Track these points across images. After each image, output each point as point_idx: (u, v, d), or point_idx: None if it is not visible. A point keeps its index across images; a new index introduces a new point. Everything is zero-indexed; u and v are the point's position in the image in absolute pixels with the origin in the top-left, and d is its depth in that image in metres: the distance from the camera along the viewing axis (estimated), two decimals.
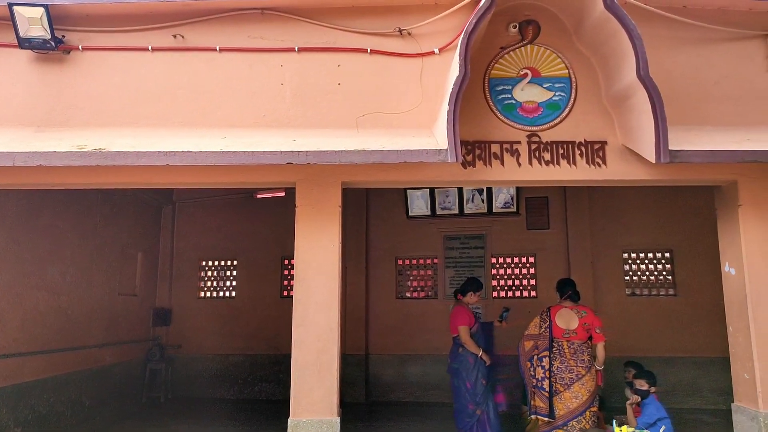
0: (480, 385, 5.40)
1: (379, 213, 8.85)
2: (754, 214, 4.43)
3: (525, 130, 4.49)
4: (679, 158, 4.00)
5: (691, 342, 7.94)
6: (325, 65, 4.45)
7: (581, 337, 5.29)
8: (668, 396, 7.78)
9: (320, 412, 3.97)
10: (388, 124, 4.39)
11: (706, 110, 4.63)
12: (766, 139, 4.34)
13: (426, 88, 4.48)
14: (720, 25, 4.66)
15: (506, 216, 8.67)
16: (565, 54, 4.61)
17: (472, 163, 4.42)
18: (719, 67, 4.70)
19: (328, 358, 4.07)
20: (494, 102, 4.53)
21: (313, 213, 4.26)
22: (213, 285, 8.98)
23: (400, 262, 8.82)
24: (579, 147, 4.50)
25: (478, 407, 5.39)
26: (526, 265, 8.73)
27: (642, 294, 8.47)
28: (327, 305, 4.13)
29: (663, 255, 8.52)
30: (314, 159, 3.82)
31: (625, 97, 4.29)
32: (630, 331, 8.19)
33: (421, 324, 8.44)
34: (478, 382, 5.39)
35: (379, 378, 8.42)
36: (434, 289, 8.68)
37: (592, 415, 5.23)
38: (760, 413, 4.16)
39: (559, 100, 4.56)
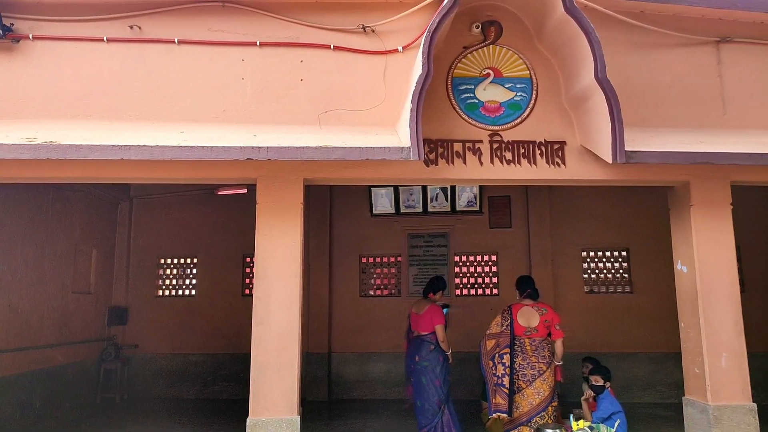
0: (447, 381, 5.54)
1: (343, 211, 8.81)
2: (705, 214, 4.58)
3: (487, 130, 4.53)
4: (634, 159, 4.11)
5: (647, 338, 8.17)
6: (288, 60, 4.39)
7: (542, 334, 5.38)
8: (625, 391, 8.02)
9: (280, 411, 3.93)
10: (351, 121, 4.37)
11: (662, 113, 4.77)
12: (717, 141, 4.49)
13: (389, 86, 4.47)
14: (675, 30, 4.80)
15: (469, 215, 8.74)
16: (526, 55, 4.67)
17: (435, 161, 4.44)
18: (674, 71, 4.85)
19: (288, 356, 4.02)
20: (457, 101, 4.56)
21: (274, 210, 4.21)
22: (172, 283, 8.77)
23: (364, 260, 8.81)
24: (539, 147, 4.57)
25: (443, 404, 5.49)
26: (489, 263, 8.82)
27: (600, 291, 8.68)
28: (288, 303, 4.08)
29: (620, 254, 8.74)
30: (275, 155, 3.77)
31: (583, 98, 4.38)
32: (588, 327, 8.38)
33: (384, 322, 8.44)
34: (446, 379, 5.53)
35: (342, 376, 8.39)
36: (398, 287, 8.70)
37: (553, 410, 5.33)
38: (709, 406, 4.32)
39: (520, 100, 4.62)
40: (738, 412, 4.30)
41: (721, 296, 4.48)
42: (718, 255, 4.54)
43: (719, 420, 4.26)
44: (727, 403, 4.32)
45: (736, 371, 4.39)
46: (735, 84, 4.83)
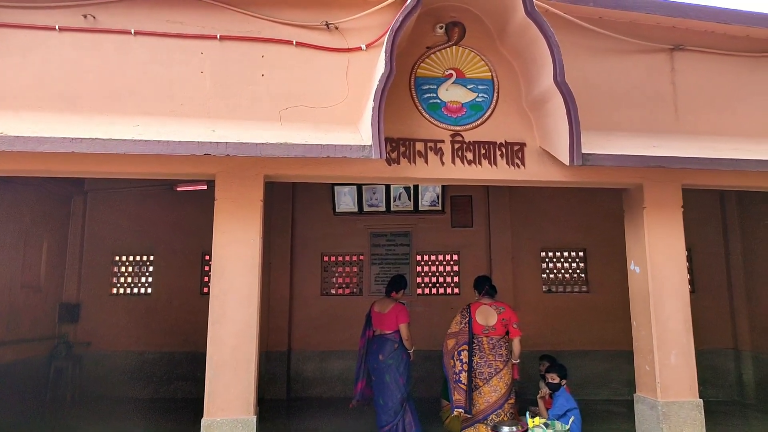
0: (410, 379, 5.61)
1: (306, 208, 8.75)
2: (657, 216, 4.72)
3: (449, 130, 4.56)
4: (590, 161, 4.20)
5: (602, 336, 8.37)
6: (249, 55, 4.32)
7: (500, 333, 5.45)
8: (580, 388, 8.20)
9: (236, 411, 3.86)
10: (313, 119, 4.33)
11: (618, 117, 4.89)
12: (669, 145, 4.64)
13: (352, 84, 4.45)
14: (631, 37, 4.94)
15: (432, 214, 8.80)
16: (488, 57, 4.72)
17: (397, 160, 4.44)
18: (630, 76, 4.98)
19: (245, 355, 3.96)
20: (420, 101, 4.57)
21: (233, 206, 4.14)
22: (127, 281, 8.53)
23: (326, 259, 8.76)
24: (500, 148, 4.62)
25: (405, 401, 5.54)
26: (450, 262, 8.90)
27: (558, 291, 8.86)
28: (246, 301, 4.02)
29: (578, 254, 8.94)
30: (234, 151, 3.70)
31: (543, 101, 4.45)
32: (546, 326, 8.55)
33: (345, 320, 8.40)
34: (410, 377, 5.60)
35: (301, 374, 8.33)
36: (359, 286, 8.69)
37: (510, 407, 5.41)
38: (659, 402, 4.45)
39: (482, 101, 4.67)
40: (685, 408, 4.45)
41: (672, 296, 4.62)
42: (669, 256, 4.68)
43: (668, 416, 4.40)
44: (675, 400, 4.46)
45: (685, 368, 4.54)
46: (687, 90, 5.00)
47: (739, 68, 5.14)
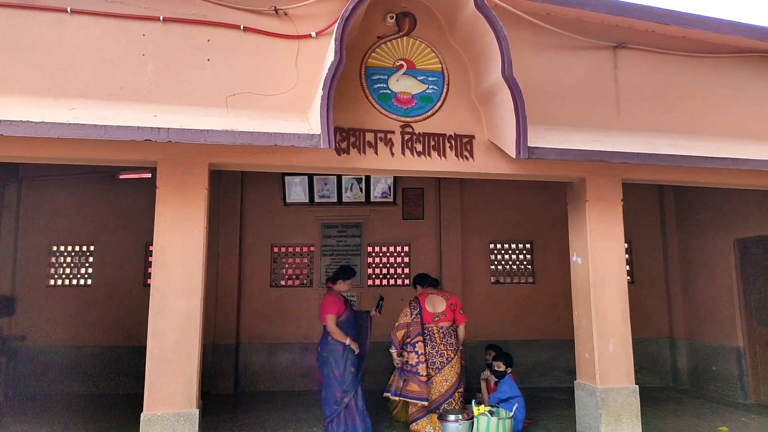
0: (349, 373, 5.36)
1: (256, 199, 8.60)
2: (599, 209, 4.87)
3: (399, 121, 4.56)
4: (536, 154, 4.28)
5: (547, 326, 8.62)
6: (194, 39, 4.19)
7: (449, 319, 5.55)
8: (525, 376, 8.44)
9: (178, 405, 3.76)
10: (261, 106, 4.25)
11: (563, 111, 5.01)
12: (611, 140, 4.79)
13: (302, 72, 4.39)
14: (577, 34, 5.05)
15: (383, 205, 8.81)
16: (439, 49, 4.74)
17: (347, 150, 4.41)
18: (576, 72, 5.10)
19: (188, 347, 3.86)
20: (370, 91, 4.55)
21: (176, 195, 4.01)
22: (66, 272, 8.17)
23: (276, 250, 8.64)
24: (449, 140, 4.65)
25: (346, 395, 5.35)
26: (401, 253, 8.94)
27: (505, 282, 9.05)
28: (189, 293, 3.91)
29: (525, 246, 9.15)
30: (176, 137, 3.58)
31: (491, 94, 4.51)
32: (494, 316, 8.73)
33: (294, 312, 8.36)
34: (347, 370, 5.35)
35: (249, 367, 8.21)
36: (309, 277, 8.62)
37: (460, 395, 5.50)
38: (598, 389, 4.61)
39: (432, 93, 4.68)
40: (622, 394, 4.63)
41: (611, 286, 4.79)
42: (609, 248, 4.84)
43: (606, 401, 4.57)
44: (613, 386, 4.63)
45: (622, 356, 4.72)
46: (629, 87, 5.17)
47: (677, 67, 5.35)
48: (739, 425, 6.38)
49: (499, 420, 4.98)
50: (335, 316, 5.37)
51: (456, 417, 5.14)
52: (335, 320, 5.36)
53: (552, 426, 6.22)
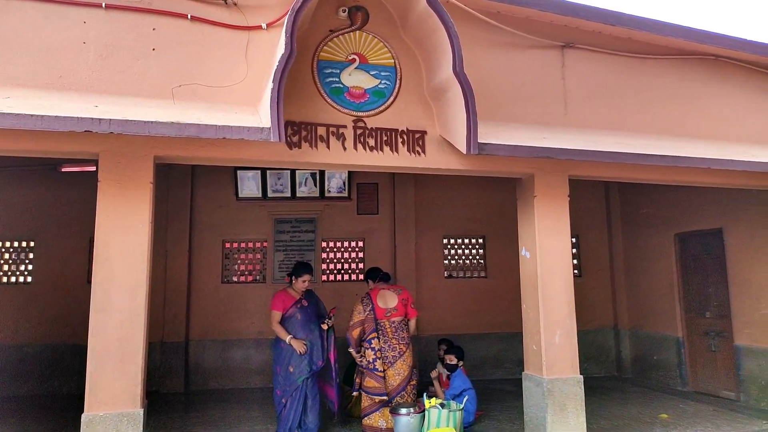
0: (288, 373, 5.21)
1: (207, 193, 8.42)
2: (546, 204, 4.99)
3: (351, 115, 4.54)
4: (486, 150, 4.34)
5: (498, 319, 8.79)
6: (138, 27, 4.05)
7: (401, 313, 5.58)
8: (477, 369, 8.59)
9: (121, 405, 3.65)
10: (209, 98, 4.14)
11: (513, 109, 5.10)
12: (558, 138, 4.90)
13: (252, 64, 4.31)
14: (527, 33, 5.15)
15: (338, 201, 8.78)
16: (391, 44, 4.73)
17: (298, 144, 4.36)
18: (525, 70, 5.20)
19: (132, 345, 3.74)
20: (322, 84, 4.50)
21: (119, 189, 3.87)
22: (4, 269, 7.79)
23: (228, 245, 8.49)
24: (401, 135, 4.66)
25: (284, 396, 5.21)
26: (356, 249, 8.94)
27: (458, 276, 9.18)
28: (133, 289, 3.79)
29: (477, 241, 9.30)
30: (119, 128, 3.45)
31: (443, 90, 4.54)
32: (447, 310, 8.85)
33: (248, 308, 8.25)
34: (286, 369, 5.23)
35: (200, 365, 8.05)
36: (262, 273, 8.51)
37: (412, 389, 5.54)
38: (544, 379, 4.73)
39: (384, 88, 4.68)
40: (567, 384, 4.76)
41: (558, 279, 4.91)
42: (556, 242, 4.96)
43: (552, 392, 4.69)
44: (559, 376, 4.76)
45: (568, 347, 4.85)
46: (576, 86, 5.30)
47: (622, 67, 5.52)
48: (678, 412, 6.68)
49: (449, 412, 5.06)
50: (279, 312, 5.32)
51: (408, 410, 5.19)
52: (279, 317, 5.30)
53: (502, 417, 6.36)
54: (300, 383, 5.20)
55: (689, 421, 6.25)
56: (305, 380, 5.23)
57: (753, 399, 6.87)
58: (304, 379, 5.23)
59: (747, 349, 6.95)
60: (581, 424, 4.75)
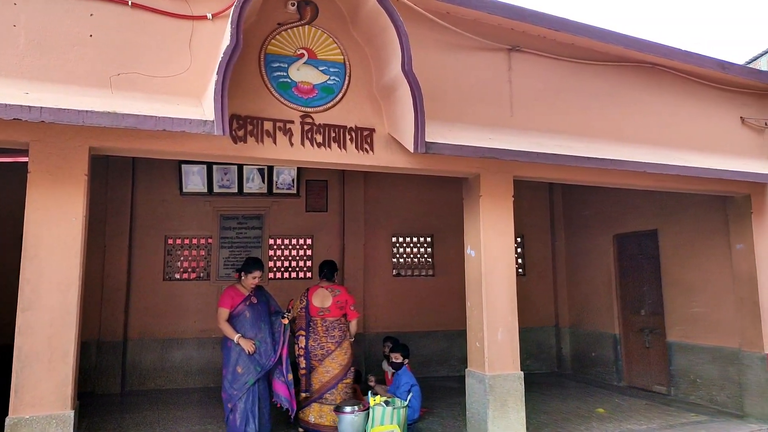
0: (236, 374, 5.00)
1: (149, 187, 8.13)
2: (491, 204, 5.08)
3: (299, 111, 4.48)
4: (433, 149, 4.38)
5: (445, 317, 8.90)
6: (74, 12, 3.85)
7: (334, 315, 5.59)
8: (424, 366, 8.68)
9: (50, 407, 3.48)
10: (150, 88, 4.00)
11: (461, 109, 5.15)
12: (503, 139, 5.00)
13: (196, 55, 4.18)
14: (475, 35, 5.21)
15: (286, 197, 8.68)
16: (341, 40, 4.70)
17: (244, 138, 4.27)
18: (473, 72, 5.26)
19: (63, 345, 3.57)
20: (269, 78, 4.43)
21: (51, 180, 3.69)
22: None
23: (170, 241, 8.24)
24: (350, 132, 4.64)
25: (230, 399, 4.98)
26: (304, 246, 8.86)
27: (406, 275, 9.23)
28: (64, 286, 3.61)
29: (425, 240, 9.38)
30: (51, 117, 3.29)
31: (391, 88, 4.55)
32: (394, 309, 8.90)
33: (190, 306, 8.03)
34: (234, 371, 5.01)
35: (139, 365, 7.77)
36: (206, 270, 8.30)
37: (345, 386, 5.53)
38: (486, 376, 4.82)
39: (333, 84, 4.64)
40: (509, 380, 4.86)
41: (501, 278, 5.01)
42: (500, 242, 5.06)
43: (493, 388, 4.78)
44: (500, 373, 4.86)
45: (509, 344, 4.95)
46: (522, 89, 5.41)
47: (566, 72, 5.67)
48: (613, 406, 6.95)
49: (394, 409, 5.07)
50: (227, 310, 5.11)
51: (352, 408, 5.18)
52: (227, 314, 5.10)
53: (446, 414, 6.44)
54: (251, 385, 5.00)
55: (624, 414, 6.50)
56: (256, 382, 5.04)
57: (682, 393, 7.22)
58: (255, 381, 5.03)
59: (678, 345, 7.30)
60: (521, 419, 4.86)
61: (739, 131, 6.45)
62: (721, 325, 6.72)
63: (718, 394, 6.74)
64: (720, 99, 6.39)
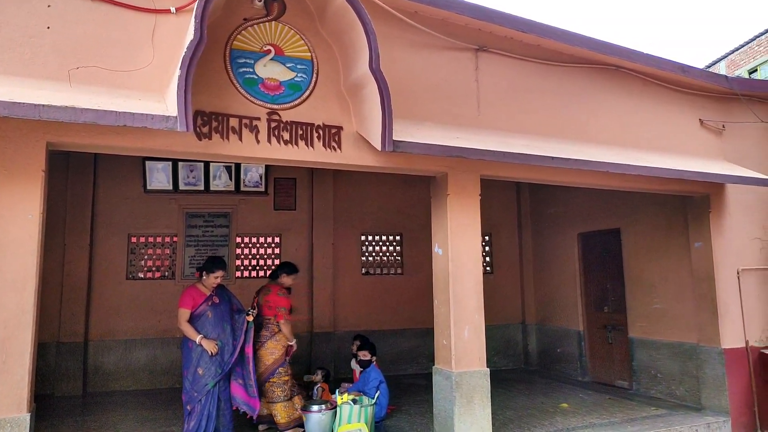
0: (196, 376, 4.92)
1: (111, 184, 7.95)
2: (459, 203, 5.12)
3: (265, 108, 4.43)
4: (400, 148, 4.38)
5: (414, 316, 8.94)
6: (30, 3, 3.72)
7: (265, 314, 5.66)
8: (393, 364, 8.71)
9: (4, 410, 3.35)
10: (111, 83, 3.89)
11: (429, 108, 5.17)
12: (471, 138, 5.03)
13: (159, 49, 4.09)
14: (444, 34, 5.24)
15: (254, 195, 8.59)
16: (308, 37, 4.66)
17: (209, 135, 4.20)
18: (441, 71, 5.29)
19: (18, 346, 3.45)
20: (235, 74, 4.36)
21: (5, 176, 3.55)
22: None
23: (134, 240, 8.07)
24: (317, 130, 4.61)
25: (190, 402, 4.90)
26: (272, 245, 8.78)
27: (375, 273, 9.24)
28: (19, 285, 3.49)
29: (395, 238, 9.40)
30: (5, 111, 3.16)
31: (359, 86, 4.53)
32: (364, 307, 8.90)
33: (154, 306, 7.89)
34: (195, 372, 4.94)
35: (101, 367, 7.59)
36: (171, 269, 8.15)
37: (271, 385, 5.51)
38: (453, 373, 4.85)
39: (300, 81, 4.60)
40: (474, 377, 4.91)
41: (468, 276, 5.05)
42: (467, 240, 5.10)
43: (460, 384, 4.82)
44: (466, 370, 4.89)
45: (476, 342, 5.00)
46: (489, 89, 5.46)
47: (532, 73, 5.74)
48: (577, 401, 7.08)
49: (361, 408, 5.07)
50: (188, 310, 5.04)
51: (319, 408, 5.16)
52: (188, 315, 5.03)
53: (413, 411, 6.47)
54: (211, 387, 4.93)
55: (587, 409, 6.64)
56: (217, 383, 4.97)
57: (644, 387, 7.41)
58: (216, 383, 4.96)
59: (639, 341, 7.48)
60: (487, 415, 4.91)
61: (698, 133, 6.64)
62: (680, 321, 6.92)
63: (678, 388, 6.94)
64: (680, 101, 6.57)
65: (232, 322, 5.24)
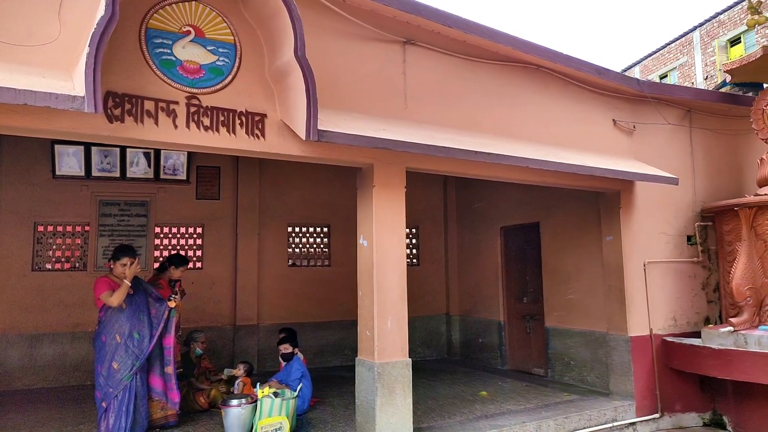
0: (111, 371, 4.71)
1: (15, 169, 7.40)
2: (384, 194, 5.13)
3: (184, 91, 4.24)
4: (325, 138, 4.32)
5: (340, 308, 8.92)
6: None
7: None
8: (318, 356, 8.67)
9: None
10: (12, 58, 3.60)
11: (356, 99, 5.15)
12: (397, 130, 5.04)
13: (66, 25, 3.82)
14: (372, 26, 5.22)
15: (175, 183, 8.27)
16: (231, 20, 4.50)
17: (121, 118, 3.97)
18: (370, 62, 5.27)
19: None
20: (151, 55, 4.14)
21: None
22: None
23: (41, 229, 7.55)
24: (240, 116, 4.47)
25: (105, 398, 4.67)
26: (194, 235, 8.49)
27: (302, 265, 9.14)
28: None
29: (322, 229, 9.33)
30: None
31: (284, 73, 4.43)
32: (289, 299, 8.79)
33: (63, 298, 7.43)
34: (109, 367, 4.72)
35: (3, 363, 7.07)
36: (83, 260, 7.70)
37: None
38: (375, 364, 4.88)
39: (222, 65, 4.44)
40: (397, 367, 4.95)
41: (392, 268, 5.08)
42: (392, 232, 5.13)
43: (382, 375, 4.85)
44: (389, 360, 4.93)
45: (398, 332, 5.04)
46: (416, 82, 5.50)
47: (458, 68, 5.84)
48: (496, 388, 7.32)
49: (282, 401, 5.01)
50: (109, 291, 4.77)
51: (239, 402, 5.05)
52: (110, 292, 4.76)
53: (337, 402, 6.47)
54: (128, 381, 4.72)
55: (505, 396, 6.88)
56: (133, 376, 4.77)
57: (558, 374, 7.77)
58: (132, 376, 4.76)
59: (555, 330, 7.83)
60: (408, 405, 4.97)
61: (611, 132, 7.00)
62: (592, 310, 7.29)
63: (589, 374, 7.32)
64: (596, 102, 6.89)
65: (149, 313, 5.04)
